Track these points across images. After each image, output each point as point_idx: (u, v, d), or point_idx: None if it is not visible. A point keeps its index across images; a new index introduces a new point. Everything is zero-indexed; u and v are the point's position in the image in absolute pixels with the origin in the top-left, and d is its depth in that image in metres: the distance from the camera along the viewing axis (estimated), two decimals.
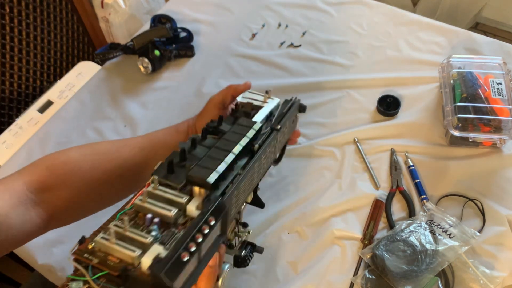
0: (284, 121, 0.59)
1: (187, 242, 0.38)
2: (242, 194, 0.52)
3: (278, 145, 0.60)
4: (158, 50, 0.97)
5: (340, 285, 0.68)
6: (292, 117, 0.63)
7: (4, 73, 1.14)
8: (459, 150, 0.81)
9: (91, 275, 0.38)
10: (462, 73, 0.82)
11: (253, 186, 0.55)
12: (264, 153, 0.54)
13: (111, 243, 0.38)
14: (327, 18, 1.07)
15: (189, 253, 0.38)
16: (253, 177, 0.54)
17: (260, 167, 0.55)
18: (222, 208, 0.44)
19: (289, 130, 0.64)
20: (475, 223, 0.72)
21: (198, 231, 0.40)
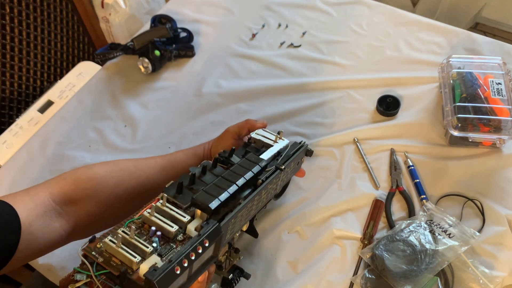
0: (289, 162, 0.63)
1: (182, 258, 0.43)
2: (238, 222, 0.55)
3: (280, 183, 0.64)
4: (158, 50, 0.97)
5: (340, 285, 0.68)
6: (298, 159, 0.67)
7: (4, 73, 1.14)
8: (458, 150, 0.81)
9: (94, 271, 0.43)
10: (462, 73, 0.82)
11: (250, 216, 0.59)
12: (265, 189, 0.58)
13: (117, 246, 0.43)
14: (327, 18, 1.07)
15: (182, 267, 0.43)
16: (252, 209, 0.58)
17: (260, 200, 0.59)
18: (218, 233, 0.48)
19: (293, 170, 0.68)
20: (474, 223, 0.72)
21: (193, 250, 0.45)
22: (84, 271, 0.44)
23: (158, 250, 0.45)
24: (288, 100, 0.92)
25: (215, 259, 0.51)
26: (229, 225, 0.52)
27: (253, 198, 0.56)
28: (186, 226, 0.48)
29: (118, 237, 0.44)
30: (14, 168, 0.87)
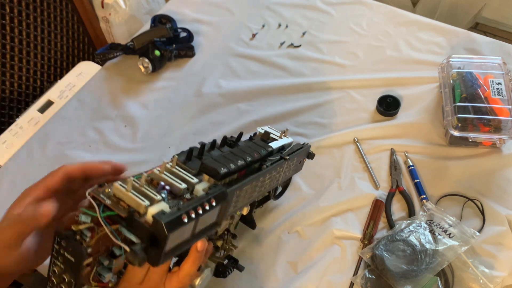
0: (293, 156, 0.64)
1: (189, 209, 0.44)
2: (242, 199, 0.55)
3: (282, 176, 0.65)
4: (158, 50, 0.97)
5: (340, 285, 0.68)
6: (300, 158, 0.68)
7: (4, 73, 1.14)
8: (458, 150, 0.81)
9: (101, 212, 0.42)
10: (462, 73, 0.82)
11: (252, 199, 0.60)
12: (270, 174, 0.60)
13: (127, 190, 0.43)
14: (327, 18, 1.07)
15: (189, 218, 0.44)
16: (255, 190, 0.58)
17: (262, 186, 0.59)
18: (224, 196, 0.49)
19: (294, 169, 0.69)
20: (474, 223, 0.72)
21: (200, 205, 0.45)
22: (90, 211, 0.43)
23: (166, 201, 0.45)
24: (288, 100, 0.92)
25: (217, 227, 0.51)
26: (234, 196, 0.52)
27: (257, 178, 0.56)
28: (194, 186, 0.48)
29: (128, 182, 0.43)
30: (14, 168, 0.87)
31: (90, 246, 0.44)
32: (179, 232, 0.43)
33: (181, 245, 0.46)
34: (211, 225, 0.50)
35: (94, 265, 0.46)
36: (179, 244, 0.45)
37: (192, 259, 0.50)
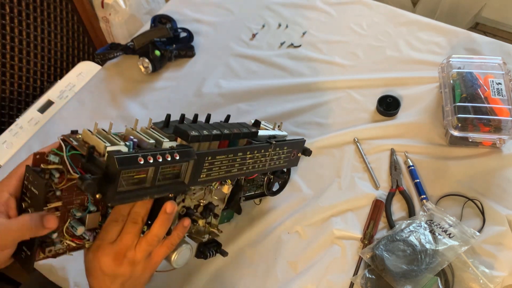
0: (282, 144, 0.65)
1: (148, 154, 0.46)
2: (217, 170, 0.57)
3: (270, 164, 0.66)
4: (158, 50, 0.97)
5: (340, 285, 0.68)
6: (293, 150, 0.69)
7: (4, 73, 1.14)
8: (458, 150, 0.81)
9: (67, 152, 0.46)
10: (462, 73, 0.82)
11: (232, 175, 0.60)
12: (252, 153, 0.61)
13: (92, 134, 0.47)
14: (327, 18, 1.07)
15: (145, 162, 0.45)
16: (233, 166, 0.59)
17: (244, 165, 0.61)
18: (189, 154, 0.51)
19: (286, 161, 0.69)
20: (475, 223, 0.72)
21: (161, 154, 0.47)
22: (59, 152, 0.46)
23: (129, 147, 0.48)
24: (288, 100, 0.92)
25: (184, 187, 0.52)
26: (205, 162, 0.54)
27: (235, 153, 0.58)
28: (162, 143, 0.51)
29: (96, 129, 0.48)
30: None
31: (59, 189, 0.47)
32: (134, 177, 0.46)
33: (140, 191, 0.47)
34: (177, 183, 0.51)
35: (67, 217, 0.49)
36: (138, 190, 0.47)
37: (161, 220, 0.50)
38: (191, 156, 0.51)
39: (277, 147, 0.65)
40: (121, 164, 0.43)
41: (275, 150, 0.65)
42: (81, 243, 0.52)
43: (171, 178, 0.51)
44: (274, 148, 0.64)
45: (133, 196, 0.47)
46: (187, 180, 0.52)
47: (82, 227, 0.50)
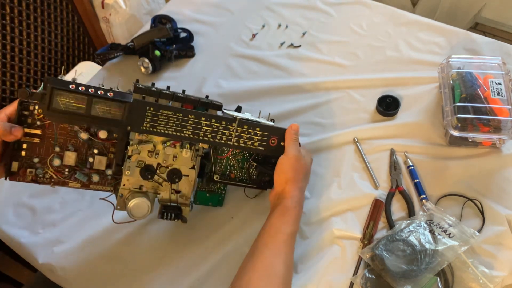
0: (250, 123, 0.68)
1: (83, 85, 0.59)
2: (163, 123, 0.63)
3: (235, 138, 0.67)
4: (158, 51, 0.97)
5: (340, 285, 0.68)
6: (272, 137, 0.70)
7: (4, 73, 1.14)
8: (458, 150, 0.81)
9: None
10: (462, 73, 0.82)
11: (183, 136, 0.64)
12: (207, 120, 0.65)
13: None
14: (327, 18, 1.07)
15: (77, 89, 0.58)
16: (186, 127, 0.64)
17: (200, 131, 0.65)
18: (126, 98, 0.61)
19: (266, 148, 0.70)
20: (474, 223, 0.72)
21: (95, 88, 0.60)
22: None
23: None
24: (288, 100, 0.92)
25: (122, 126, 0.61)
26: (147, 111, 0.61)
27: (185, 114, 0.63)
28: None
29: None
30: None
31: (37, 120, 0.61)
32: (67, 96, 0.58)
33: (74, 116, 0.59)
34: (115, 121, 0.61)
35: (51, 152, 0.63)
36: (72, 113, 0.59)
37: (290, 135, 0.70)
38: (125, 98, 0.61)
39: (243, 124, 0.67)
40: (53, 83, 0.57)
41: (242, 127, 0.67)
42: (61, 177, 0.65)
43: (112, 118, 0.60)
44: (239, 123, 0.66)
45: (67, 117, 0.59)
46: (128, 122, 0.61)
47: (59, 160, 0.63)
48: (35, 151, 0.63)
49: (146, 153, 0.65)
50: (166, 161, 0.66)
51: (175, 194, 0.68)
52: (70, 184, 0.66)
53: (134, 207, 0.63)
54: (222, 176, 0.73)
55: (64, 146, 0.64)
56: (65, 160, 0.64)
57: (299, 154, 0.69)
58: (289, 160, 0.68)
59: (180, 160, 0.67)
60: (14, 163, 0.63)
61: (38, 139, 0.63)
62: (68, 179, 0.65)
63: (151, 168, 0.65)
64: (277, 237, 0.63)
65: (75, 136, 0.64)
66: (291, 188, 0.67)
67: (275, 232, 0.64)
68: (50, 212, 0.79)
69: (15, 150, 0.62)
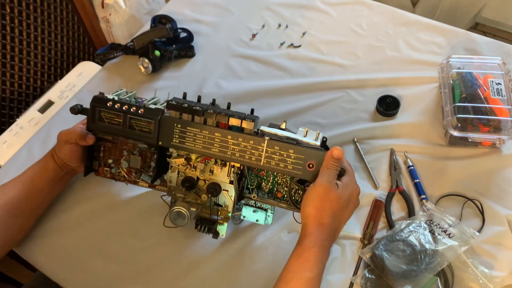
0: (282, 144, 0.63)
1: (119, 102, 0.67)
2: (191, 140, 0.65)
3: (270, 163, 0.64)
4: (158, 51, 0.97)
5: (339, 285, 0.68)
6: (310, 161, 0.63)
7: (4, 73, 1.14)
8: (458, 150, 0.81)
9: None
10: (462, 73, 0.82)
11: (211, 153, 0.65)
12: (234, 139, 0.64)
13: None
14: (327, 18, 1.07)
15: (113, 106, 0.67)
16: (212, 144, 0.64)
17: (228, 149, 0.64)
18: (156, 113, 0.66)
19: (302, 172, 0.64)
20: (474, 223, 0.72)
21: (130, 106, 0.67)
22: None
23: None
24: (288, 101, 0.92)
25: (152, 141, 0.66)
26: (175, 127, 0.65)
27: (211, 132, 0.64)
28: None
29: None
30: (14, 168, 0.87)
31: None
32: (108, 112, 0.67)
33: (113, 129, 0.67)
34: (147, 136, 0.66)
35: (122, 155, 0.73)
36: (112, 128, 0.67)
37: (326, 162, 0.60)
38: (154, 116, 0.66)
39: (274, 145, 0.63)
40: (94, 101, 0.68)
41: (272, 147, 0.63)
42: (130, 176, 0.73)
43: (146, 132, 0.66)
44: (268, 144, 0.63)
45: (107, 131, 0.68)
46: (155, 136, 0.66)
47: (126, 163, 0.72)
48: (110, 153, 0.73)
49: (183, 167, 0.67)
50: (203, 175, 0.67)
51: (215, 208, 0.68)
52: (140, 184, 0.73)
53: (174, 214, 0.64)
54: (269, 194, 0.69)
55: (132, 150, 0.72)
56: (132, 163, 0.72)
57: (330, 184, 0.59)
58: (315, 190, 0.59)
59: (217, 174, 0.67)
60: (95, 162, 0.74)
61: (111, 143, 0.73)
62: (137, 179, 0.73)
63: (190, 180, 0.67)
64: (291, 283, 0.56)
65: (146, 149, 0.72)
66: (311, 224, 0.58)
67: (291, 277, 0.56)
68: (51, 213, 0.79)
69: (94, 151, 0.73)
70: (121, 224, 0.77)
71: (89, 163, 0.74)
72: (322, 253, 0.57)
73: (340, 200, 0.59)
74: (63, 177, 0.75)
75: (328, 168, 0.60)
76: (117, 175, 0.74)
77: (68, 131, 0.71)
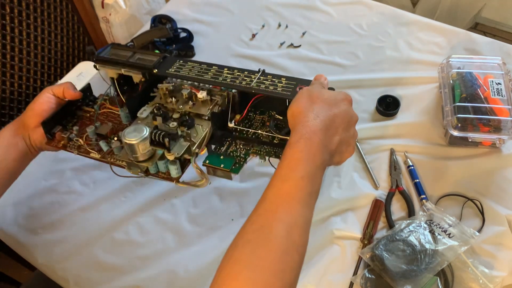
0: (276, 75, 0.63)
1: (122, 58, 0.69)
2: (187, 70, 0.66)
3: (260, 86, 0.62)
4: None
5: (339, 285, 0.68)
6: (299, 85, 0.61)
7: (4, 73, 1.14)
8: (458, 150, 0.81)
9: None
10: (462, 73, 0.82)
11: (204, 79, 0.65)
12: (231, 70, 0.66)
13: None
14: (327, 18, 1.07)
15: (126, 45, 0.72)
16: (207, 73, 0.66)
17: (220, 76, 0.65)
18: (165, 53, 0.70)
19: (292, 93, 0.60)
20: (474, 223, 0.72)
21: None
22: None
23: None
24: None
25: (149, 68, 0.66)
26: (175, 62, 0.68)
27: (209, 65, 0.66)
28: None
29: None
30: None
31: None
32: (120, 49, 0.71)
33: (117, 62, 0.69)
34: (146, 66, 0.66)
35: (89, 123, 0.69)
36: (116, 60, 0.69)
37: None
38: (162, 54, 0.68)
39: (267, 75, 0.63)
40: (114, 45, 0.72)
41: (265, 76, 0.63)
42: (86, 144, 0.66)
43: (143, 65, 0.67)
44: (262, 73, 0.64)
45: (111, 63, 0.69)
46: (153, 65, 0.66)
47: (93, 127, 0.66)
48: (81, 125, 0.70)
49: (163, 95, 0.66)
50: (182, 107, 0.63)
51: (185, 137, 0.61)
52: (91, 154, 0.65)
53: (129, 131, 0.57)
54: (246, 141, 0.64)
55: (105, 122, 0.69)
56: (100, 130, 0.66)
57: (313, 87, 0.56)
58: (299, 94, 0.54)
59: (197, 107, 0.63)
60: (58, 126, 0.69)
61: (89, 115, 0.71)
62: (92, 149, 0.65)
63: (161, 109, 0.63)
64: (270, 188, 0.47)
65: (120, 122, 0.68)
66: (295, 122, 0.51)
67: (271, 183, 0.48)
68: (50, 211, 0.79)
69: (67, 115, 0.71)
70: (121, 223, 0.77)
71: (51, 124, 0.68)
72: (310, 146, 0.48)
73: (326, 99, 0.54)
74: (17, 143, 0.69)
75: (317, 83, 0.59)
76: (71, 143, 0.67)
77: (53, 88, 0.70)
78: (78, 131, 0.68)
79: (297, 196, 0.46)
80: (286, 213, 0.45)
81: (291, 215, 0.45)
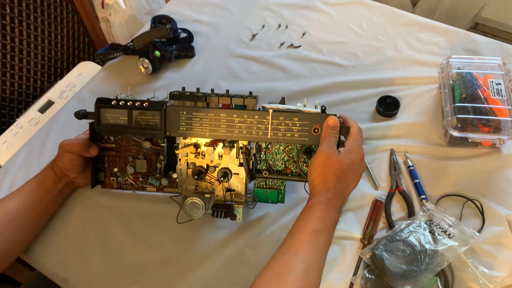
0: (286, 114, 0.65)
1: (123, 99, 0.68)
2: (197, 125, 0.66)
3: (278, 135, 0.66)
4: (158, 51, 0.97)
5: (339, 285, 0.68)
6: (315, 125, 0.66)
7: (5, 73, 1.14)
8: (458, 151, 0.81)
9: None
10: (462, 74, 0.82)
11: (220, 135, 0.66)
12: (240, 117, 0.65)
13: None
14: (326, 18, 1.07)
15: (117, 104, 0.67)
16: (219, 126, 0.65)
17: (235, 128, 0.65)
18: (161, 105, 0.67)
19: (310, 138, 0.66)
20: (474, 223, 0.72)
21: (133, 101, 0.68)
22: None
23: None
24: (288, 101, 0.92)
25: (160, 132, 0.67)
26: (180, 115, 0.66)
27: (216, 114, 0.65)
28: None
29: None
30: (14, 168, 0.87)
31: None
32: (112, 112, 0.67)
33: (119, 128, 0.67)
34: (154, 128, 0.67)
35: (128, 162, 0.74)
36: (118, 126, 0.67)
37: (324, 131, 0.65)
38: (159, 106, 0.66)
39: (279, 116, 0.65)
40: (98, 102, 0.68)
41: (277, 119, 0.65)
42: (138, 183, 0.74)
43: (153, 126, 0.67)
44: (273, 116, 0.65)
45: (114, 130, 0.68)
46: (162, 127, 0.66)
47: (132, 168, 0.73)
48: (115, 162, 0.75)
49: (192, 155, 0.68)
50: (213, 161, 0.68)
51: (228, 193, 0.69)
52: (148, 189, 0.74)
53: (189, 205, 0.66)
54: (278, 172, 0.71)
55: (137, 156, 0.74)
56: (138, 168, 0.73)
57: (330, 151, 0.62)
58: (317, 158, 0.62)
59: (226, 159, 0.68)
60: (101, 173, 0.75)
61: (114, 152, 0.74)
62: (145, 185, 0.74)
63: (200, 169, 0.68)
64: (296, 235, 0.59)
65: (140, 149, 0.74)
66: (316, 188, 0.62)
67: (296, 230, 0.59)
68: None
69: (99, 162, 0.74)
70: (122, 225, 0.77)
71: (95, 175, 0.75)
72: (328, 210, 0.60)
73: (343, 165, 0.62)
74: (62, 189, 0.75)
75: (326, 137, 0.64)
76: (124, 184, 0.75)
77: (71, 141, 0.71)
78: (120, 170, 0.75)
79: (314, 244, 0.58)
80: (305, 256, 0.57)
81: (310, 258, 0.57)
